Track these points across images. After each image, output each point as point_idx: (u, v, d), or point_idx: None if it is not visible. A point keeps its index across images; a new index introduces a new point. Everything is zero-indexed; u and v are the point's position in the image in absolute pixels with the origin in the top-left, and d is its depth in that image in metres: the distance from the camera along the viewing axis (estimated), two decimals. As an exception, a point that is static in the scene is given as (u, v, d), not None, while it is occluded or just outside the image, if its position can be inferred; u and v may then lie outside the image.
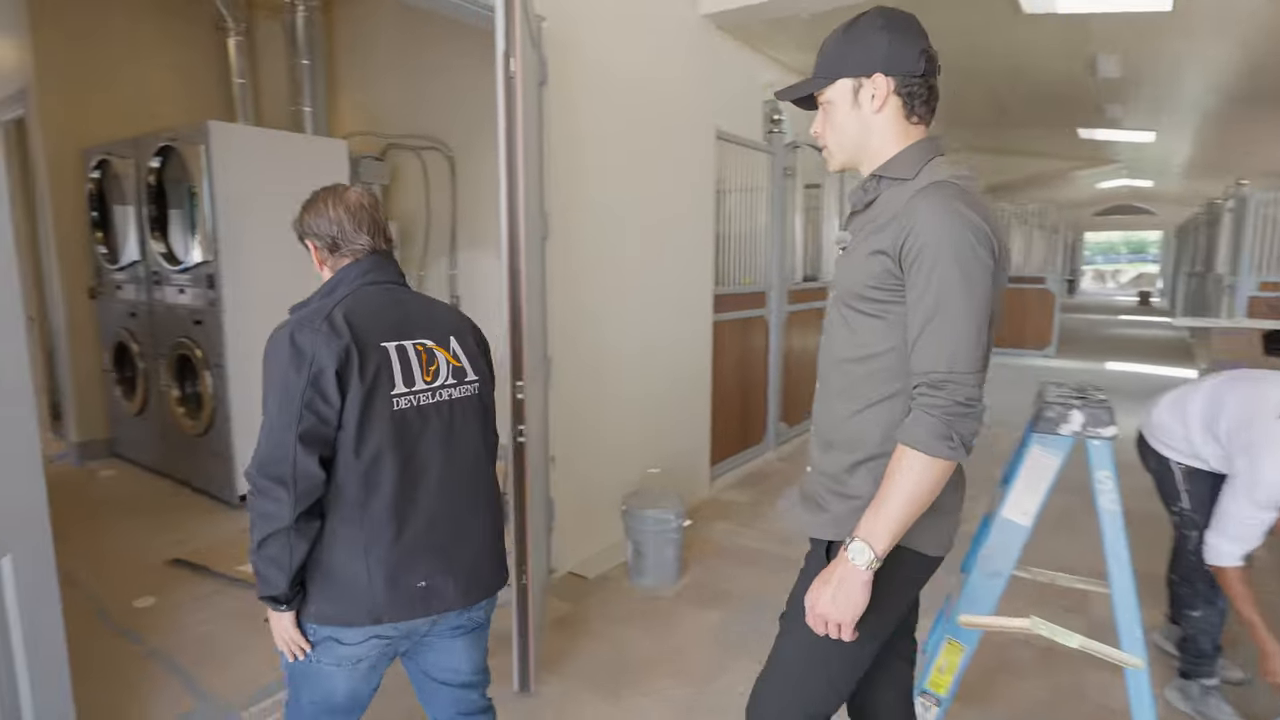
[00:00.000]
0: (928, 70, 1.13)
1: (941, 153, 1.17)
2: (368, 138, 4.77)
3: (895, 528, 1.06)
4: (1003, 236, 1.09)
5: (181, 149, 3.52)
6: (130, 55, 4.51)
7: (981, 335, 1.05)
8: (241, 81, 4.74)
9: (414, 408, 1.29)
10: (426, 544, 1.29)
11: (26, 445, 1.45)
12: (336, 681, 1.29)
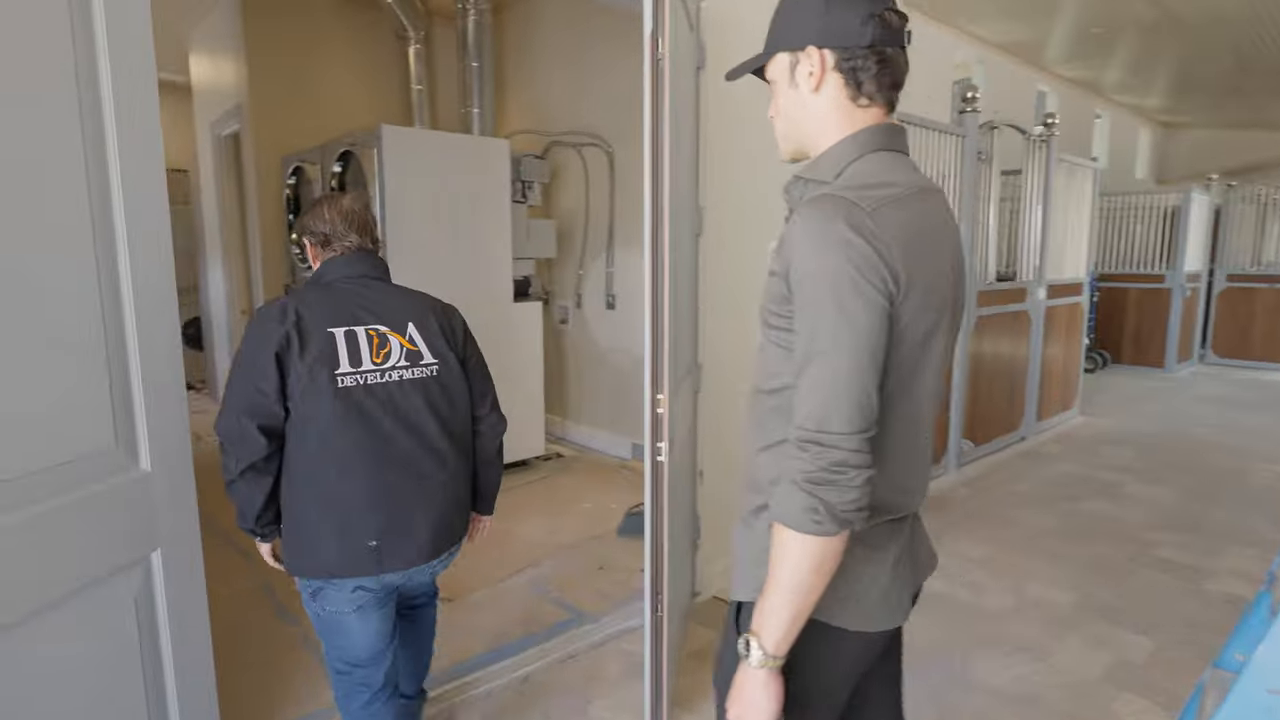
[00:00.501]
0: (881, 38, 0.90)
1: (889, 147, 0.95)
2: (531, 136, 4.81)
3: (783, 621, 0.88)
4: (922, 261, 0.88)
5: (358, 153, 3.69)
6: (324, 69, 4.88)
7: (864, 388, 0.85)
8: (419, 88, 4.96)
9: (360, 386, 1.46)
10: (375, 507, 1.47)
11: (178, 443, 1.45)
12: (349, 628, 1.52)
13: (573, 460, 4.53)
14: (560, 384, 4.97)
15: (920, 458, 1.00)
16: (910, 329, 0.89)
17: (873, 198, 0.87)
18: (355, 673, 1.58)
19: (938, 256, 0.92)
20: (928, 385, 0.95)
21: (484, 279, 3.95)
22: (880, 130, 0.95)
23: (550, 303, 4.94)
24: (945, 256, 0.94)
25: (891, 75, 0.93)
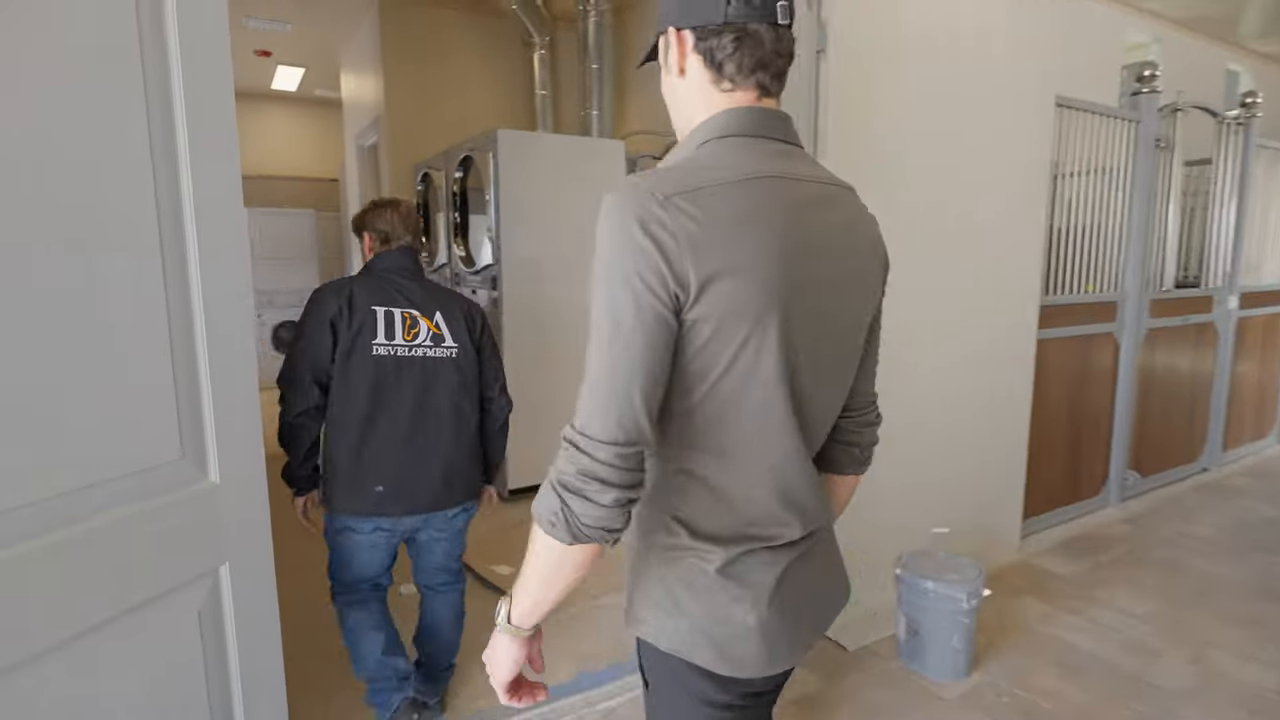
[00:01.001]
0: (740, 14, 0.81)
1: (747, 132, 0.83)
2: (650, 137, 4.71)
3: (525, 602, 0.87)
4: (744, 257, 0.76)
5: (476, 157, 3.74)
6: (454, 78, 5.03)
7: (627, 397, 0.76)
8: (543, 92, 5.00)
9: (391, 356, 1.78)
10: (387, 459, 1.79)
11: (250, 454, 1.44)
12: (359, 560, 1.87)
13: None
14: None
15: (790, 481, 0.87)
16: (719, 334, 0.77)
17: (682, 183, 0.77)
18: (351, 587, 1.92)
19: (768, 255, 0.77)
20: (768, 393, 0.81)
21: (579, 281, 3.88)
22: (737, 113, 0.84)
23: (665, 307, 4.82)
24: (784, 256, 0.79)
25: (756, 54, 0.83)
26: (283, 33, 5.85)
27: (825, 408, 0.91)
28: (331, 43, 6.15)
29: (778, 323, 0.78)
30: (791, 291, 0.79)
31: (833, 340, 0.87)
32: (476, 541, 3.27)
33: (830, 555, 0.98)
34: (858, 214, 0.92)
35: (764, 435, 0.83)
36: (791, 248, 0.79)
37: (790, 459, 0.86)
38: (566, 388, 3.68)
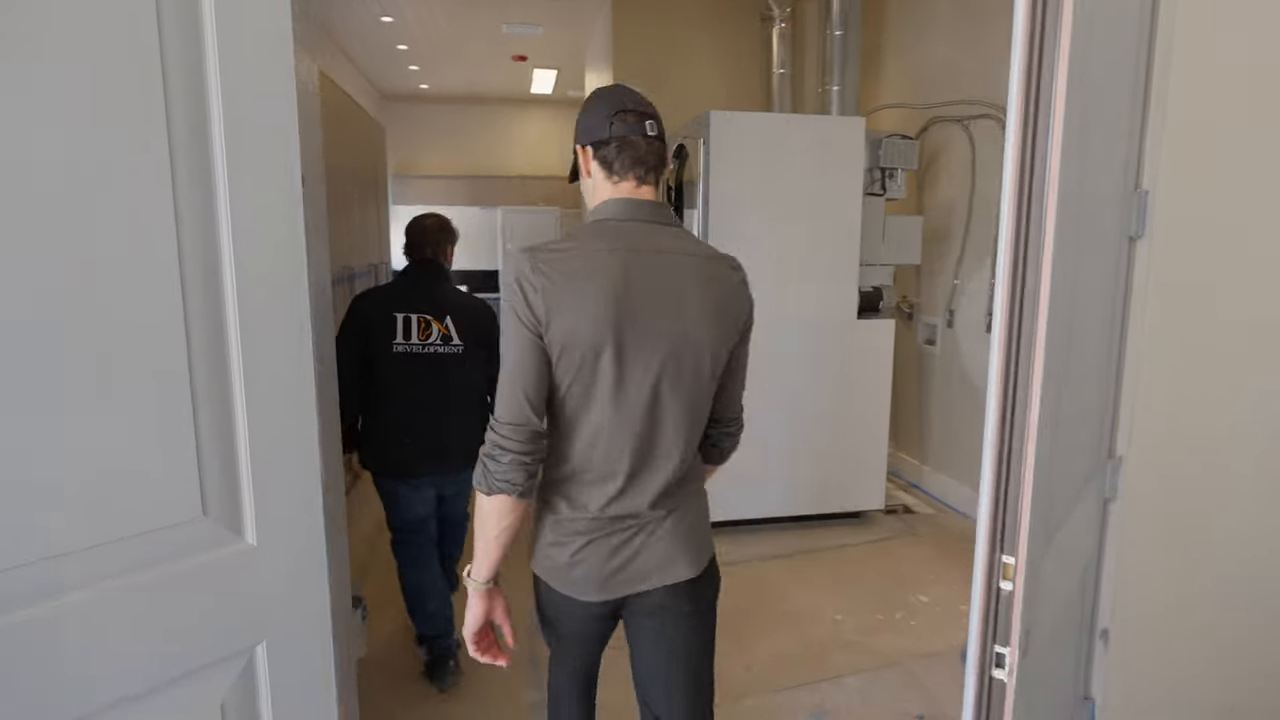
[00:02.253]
0: (619, 131, 1.20)
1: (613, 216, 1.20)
2: (902, 114, 3.90)
3: (478, 554, 1.21)
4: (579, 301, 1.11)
5: (688, 145, 3.32)
6: (685, 64, 4.67)
7: (515, 390, 1.13)
8: (781, 71, 4.43)
9: (408, 353, 2.16)
10: (406, 432, 2.17)
11: (301, 510, 1.16)
12: (401, 501, 2.25)
13: (923, 520, 3.56)
14: (917, 418, 3.99)
15: (613, 467, 1.19)
16: (568, 351, 1.13)
17: (550, 251, 1.15)
18: (406, 534, 2.30)
19: (604, 305, 1.12)
20: (611, 406, 1.16)
21: (820, 287, 3.26)
22: (612, 203, 1.22)
23: (913, 319, 3.99)
24: (645, 301, 1.14)
25: (633, 156, 1.20)
26: (535, 36, 5.99)
27: (681, 419, 1.21)
28: (579, 42, 6.19)
29: (610, 353, 1.14)
30: (622, 331, 1.14)
31: (670, 371, 1.18)
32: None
33: (659, 530, 1.23)
34: (712, 277, 1.23)
35: (615, 432, 1.18)
36: (623, 300, 1.13)
37: (632, 458, 1.20)
38: (768, 418, 3.00)
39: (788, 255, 3.21)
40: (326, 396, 1.41)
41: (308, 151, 1.32)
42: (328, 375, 1.41)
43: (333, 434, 1.45)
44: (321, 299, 1.39)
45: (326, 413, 1.42)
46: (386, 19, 5.53)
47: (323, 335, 1.40)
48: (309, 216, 1.32)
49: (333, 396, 1.46)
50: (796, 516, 3.45)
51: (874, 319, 3.38)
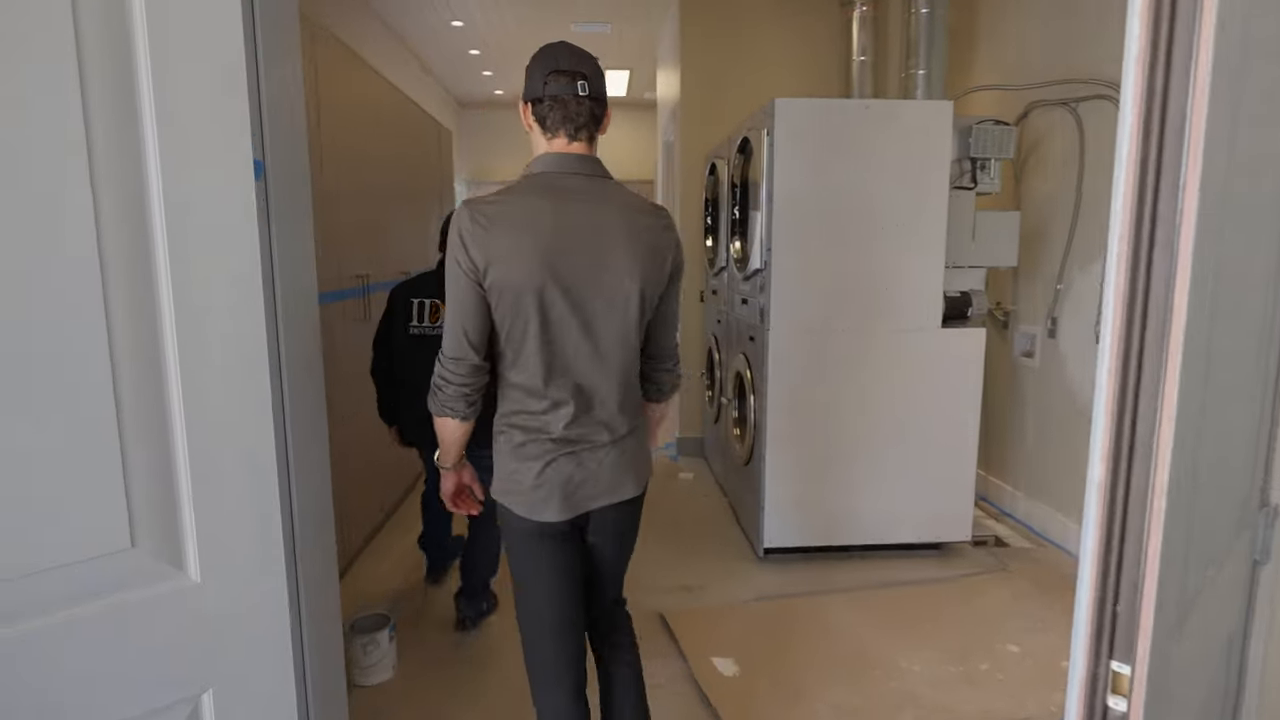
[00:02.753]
0: (553, 90, 1.30)
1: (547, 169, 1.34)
2: (998, 96, 3.51)
3: (443, 451, 1.45)
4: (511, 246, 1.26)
5: (752, 138, 3.07)
6: (756, 57, 4.42)
7: (456, 328, 1.31)
8: (862, 59, 4.10)
9: (420, 335, 2.42)
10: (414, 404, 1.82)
11: (258, 542, 1.02)
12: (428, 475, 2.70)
13: (1016, 555, 3.16)
14: (1011, 439, 3.58)
15: (562, 403, 1.34)
16: (504, 295, 1.28)
17: (486, 204, 1.30)
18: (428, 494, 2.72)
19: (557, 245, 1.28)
20: (544, 341, 1.31)
21: (897, 293, 2.93)
22: (546, 158, 1.36)
23: (1009, 327, 3.58)
24: (575, 247, 1.30)
25: (563, 113, 1.32)
26: (605, 35, 5.88)
27: (609, 354, 1.36)
28: (649, 40, 6.03)
29: (543, 295, 1.29)
30: (553, 276, 1.28)
31: (599, 310, 1.33)
32: (704, 614, 2.62)
33: (610, 456, 1.40)
34: (638, 225, 1.35)
35: (548, 364, 1.33)
36: (552, 247, 1.28)
37: (576, 394, 1.36)
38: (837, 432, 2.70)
39: (862, 257, 2.90)
40: (304, 406, 1.27)
41: (280, 142, 1.18)
42: (306, 384, 1.27)
43: (314, 450, 1.31)
44: (299, 302, 1.25)
45: (306, 425, 1.28)
46: (457, 23, 5.54)
47: (301, 342, 1.26)
48: (280, 210, 1.18)
49: (316, 405, 1.33)
50: (867, 545, 3.13)
51: (962, 327, 3.02)
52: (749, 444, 3.22)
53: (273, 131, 1.11)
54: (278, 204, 1.14)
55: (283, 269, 1.17)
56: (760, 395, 3.04)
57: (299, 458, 1.23)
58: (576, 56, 1.32)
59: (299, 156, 1.24)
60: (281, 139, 1.15)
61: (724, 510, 3.73)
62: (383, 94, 3.48)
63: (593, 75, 1.33)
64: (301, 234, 1.24)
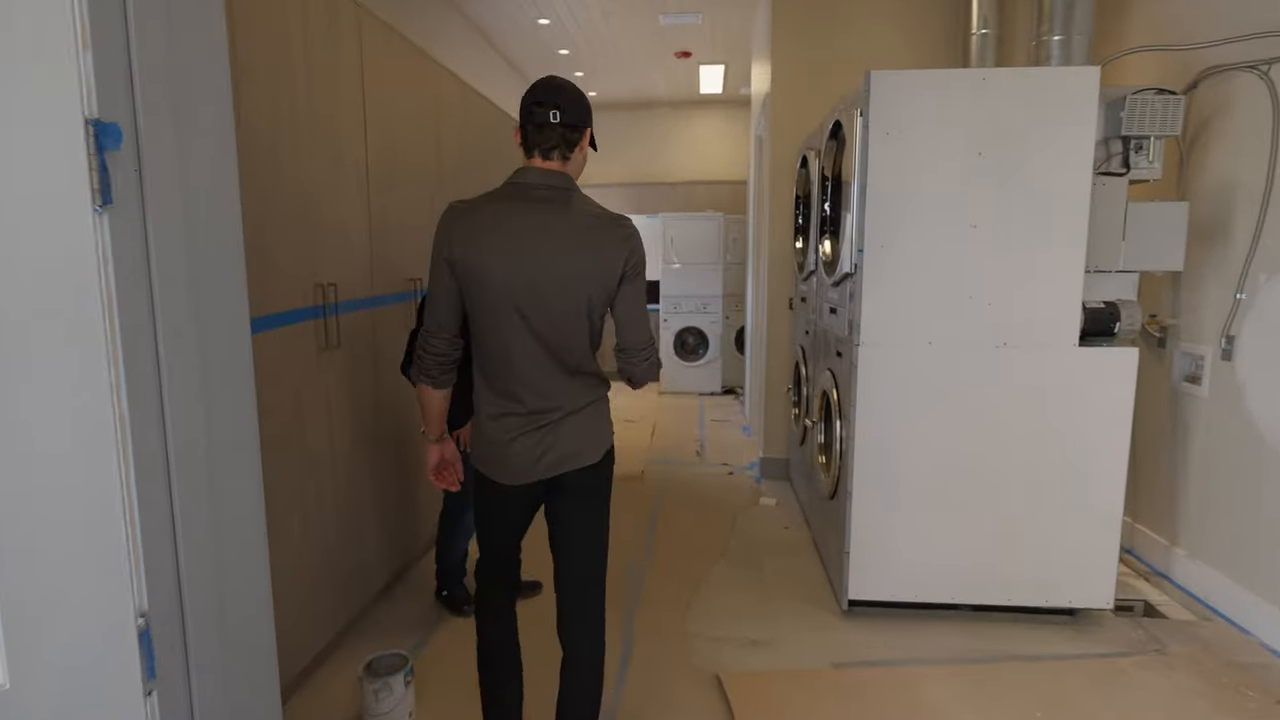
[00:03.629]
0: (527, 119, 1.54)
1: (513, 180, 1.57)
2: (1158, 60, 2.88)
3: (426, 422, 1.72)
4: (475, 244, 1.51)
5: (844, 120, 2.63)
6: (858, 38, 3.94)
7: (433, 306, 1.58)
8: (984, 32, 3.54)
9: None
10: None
11: (112, 627, 0.76)
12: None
13: (1174, 630, 2.53)
14: (1166, 481, 2.92)
15: (515, 374, 1.56)
16: (471, 281, 1.53)
17: (468, 204, 1.56)
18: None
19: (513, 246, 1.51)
20: (505, 324, 1.53)
21: (1021, 303, 2.41)
22: (522, 170, 1.57)
23: (1166, 345, 2.93)
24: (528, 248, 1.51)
25: (537, 137, 1.55)
26: (696, 27, 5.54)
27: (560, 339, 1.56)
28: (743, 32, 5.64)
29: (504, 288, 1.51)
30: (513, 272, 1.50)
31: (554, 303, 1.53)
32: (771, 678, 2.21)
33: (564, 428, 1.60)
34: (593, 231, 1.56)
35: (506, 345, 1.55)
36: (515, 247, 1.50)
37: (533, 368, 1.56)
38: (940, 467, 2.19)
39: (976, 258, 2.41)
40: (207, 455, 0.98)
41: (166, 103, 0.91)
42: (213, 427, 0.99)
43: (232, 510, 1.04)
44: (209, 319, 0.97)
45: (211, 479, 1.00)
46: (543, 20, 5.37)
47: (203, 371, 0.99)
48: (161, 198, 0.91)
49: (237, 455, 1.05)
50: (976, 606, 2.60)
51: (1106, 345, 2.45)
52: (834, 475, 2.77)
53: (150, 86, 0.85)
54: (158, 189, 0.87)
55: (164, 273, 0.89)
56: (848, 421, 2.59)
57: (203, 521, 0.96)
58: (553, 90, 1.55)
59: (216, 136, 0.97)
60: (171, 98, 0.88)
61: (807, 545, 3.28)
62: (446, 87, 3.30)
63: (567, 105, 1.54)
64: (218, 235, 0.97)
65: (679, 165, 8.07)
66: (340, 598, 2.40)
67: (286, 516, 2.12)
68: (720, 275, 6.90)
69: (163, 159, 0.84)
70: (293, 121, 2.11)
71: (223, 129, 0.96)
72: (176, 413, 0.87)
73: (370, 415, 2.59)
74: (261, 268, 1.98)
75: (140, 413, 0.80)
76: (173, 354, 0.87)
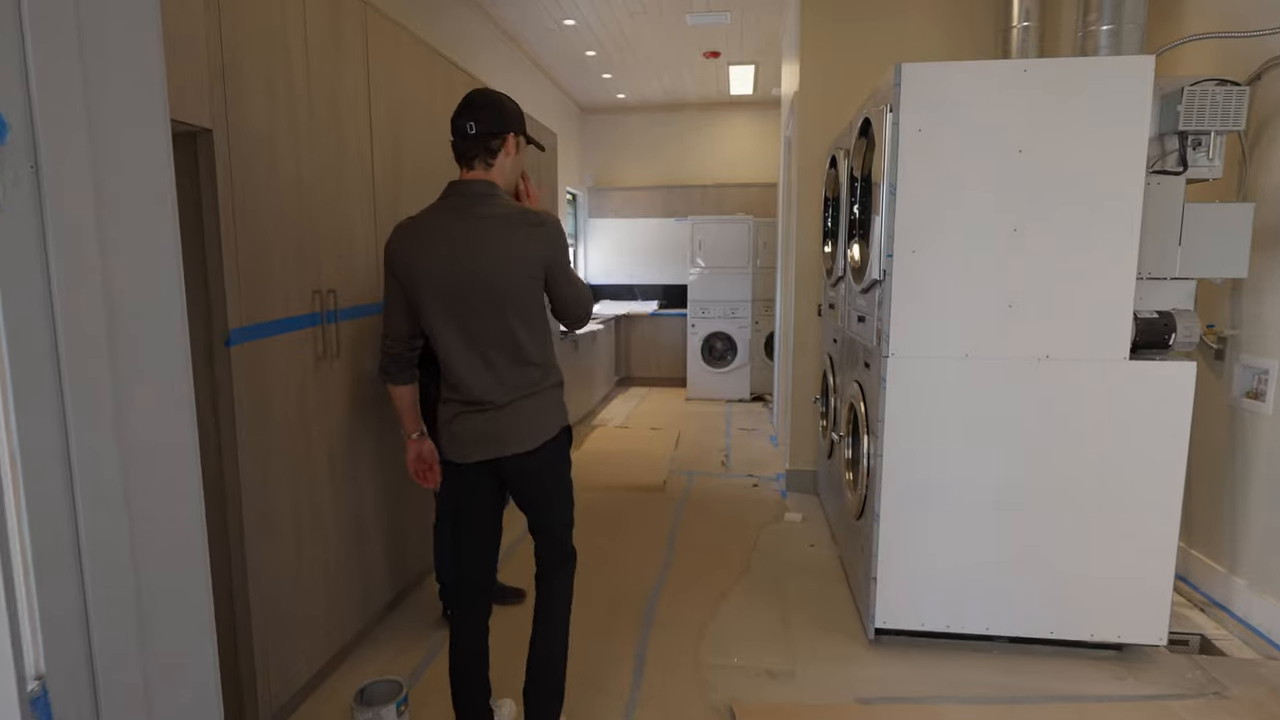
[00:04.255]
0: (453, 132, 1.74)
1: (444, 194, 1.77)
2: (1218, 54, 2.67)
3: (400, 418, 1.98)
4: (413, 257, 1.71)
5: (874, 118, 2.48)
6: (885, 33, 3.77)
7: (387, 312, 1.82)
8: (1025, 24, 3.35)
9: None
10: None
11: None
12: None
13: (1235, 671, 2.31)
14: (1225, 505, 2.69)
15: (463, 374, 1.74)
16: (414, 291, 1.73)
17: (408, 220, 1.77)
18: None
19: (437, 256, 1.69)
20: (451, 330, 1.72)
21: (1066, 312, 2.23)
22: (450, 183, 1.77)
23: (1224, 359, 2.71)
24: (449, 257, 1.69)
25: (459, 149, 1.75)
26: (725, 27, 5.40)
27: (489, 335, 1.72)
28: (773, 31, 5.49)
29: (440, 291, 1.70)
30: (446, 276, 1.68)
31: (477, 303, 1.69)
32: (793, 712, 2.07)
33: (508, 416, 1.76)
34: (512, 229, 1.70)
35: (453, 347, 1.73)
36: (445, 254, 1.68)
37: (462, 364, 1.73)
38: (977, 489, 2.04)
39: (1015, 264, 2.23)
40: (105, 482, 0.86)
41: (70, 89, 0.81)
42: (125, 434, 0.89)
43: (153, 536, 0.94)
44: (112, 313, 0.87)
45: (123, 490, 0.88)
46: (569, 22, 5.29)
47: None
48: (64, 196, 0.81)
49: (168, 469, 0.95)
50: (1015, 639, 2.42)
51: (1160, 359, 2.26)
52: (861, 494, 2.61)
53: (51, 65, 0.75)
54: (61, 190, 0.76)
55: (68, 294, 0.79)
56: (876, 437, 2.43)
57: (120, 555, 0.85)
58: (468, 104, 1.73)
59: (147, 127, 0.87)
60: (82, 82, 0.79)
61: (833, 566, 3.12)
62: (458, 84, 3.22)
63: (482, 116, 1.71)
64: (147, 246, 0.87)
65: (709, 168, 7.93)
66: (337, 618, 2.32)
67: (280, 534, 2.04)
68: (749, 280, 6.74)
69: (68, 155, 0.75)
70: (290, 119, 2.04)
71: (153, 118, 0.87)
72: (81, 416, 0.77)
73: (373, 427, 2.51)
74: (254, 272, 1.91)
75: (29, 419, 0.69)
76: (81, 392, 0.78)
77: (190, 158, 1.79)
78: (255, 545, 1.93)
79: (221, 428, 1.86)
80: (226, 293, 1.82)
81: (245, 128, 1.86)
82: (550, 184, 4.92)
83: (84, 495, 0.76)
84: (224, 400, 1.85)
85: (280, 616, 2.04)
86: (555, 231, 1.74)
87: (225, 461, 1.87)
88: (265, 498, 1.97)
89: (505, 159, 1.75)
